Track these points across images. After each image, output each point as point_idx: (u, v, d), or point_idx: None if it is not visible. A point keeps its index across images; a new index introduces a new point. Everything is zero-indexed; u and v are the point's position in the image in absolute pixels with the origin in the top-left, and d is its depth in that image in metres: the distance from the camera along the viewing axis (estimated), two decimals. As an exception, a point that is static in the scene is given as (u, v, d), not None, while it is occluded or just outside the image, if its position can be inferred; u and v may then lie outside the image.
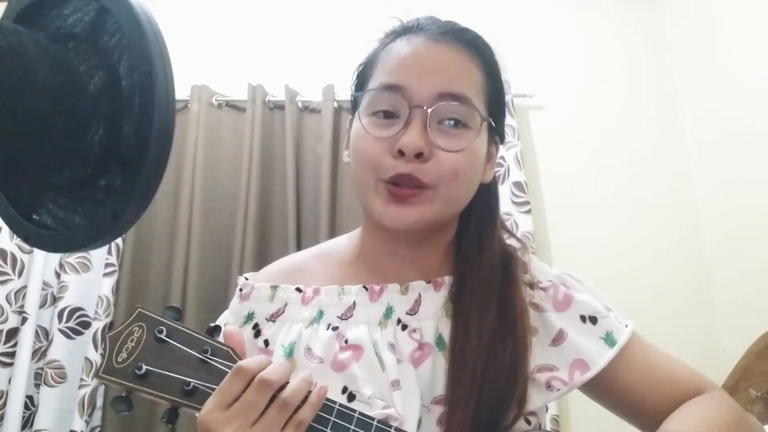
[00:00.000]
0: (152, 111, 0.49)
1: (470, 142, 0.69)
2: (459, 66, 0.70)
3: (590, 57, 2.36)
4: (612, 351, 0.72)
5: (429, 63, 0.69)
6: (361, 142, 0.71)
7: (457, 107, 0.68)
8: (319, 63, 2.26)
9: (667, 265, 2.13)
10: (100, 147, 0.52)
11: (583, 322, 0.74)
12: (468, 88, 0.70)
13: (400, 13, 0.78)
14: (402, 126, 0.67)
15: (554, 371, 0.71)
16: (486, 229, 0.76)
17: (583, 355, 0.72)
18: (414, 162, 0.66)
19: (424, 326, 0.71)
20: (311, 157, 2.14)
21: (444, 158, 0.67)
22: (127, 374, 0.55)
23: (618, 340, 0.73)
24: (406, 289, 0.74)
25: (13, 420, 1.75)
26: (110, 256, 1.92)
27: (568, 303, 0.75)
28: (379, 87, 0.70)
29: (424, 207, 0.68)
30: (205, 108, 2.12)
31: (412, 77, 0.68)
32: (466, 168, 0.69)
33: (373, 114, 0.70)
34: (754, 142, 1.88)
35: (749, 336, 1.51)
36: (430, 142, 0.67)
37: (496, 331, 0.68)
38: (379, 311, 0.72)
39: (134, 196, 0.51)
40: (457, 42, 0.71)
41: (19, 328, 1.82)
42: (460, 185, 0.70)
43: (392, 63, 0.71)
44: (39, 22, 0.55)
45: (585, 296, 0.76)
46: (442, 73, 0.69)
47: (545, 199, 2.22)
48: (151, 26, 0.51)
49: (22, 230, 0.57)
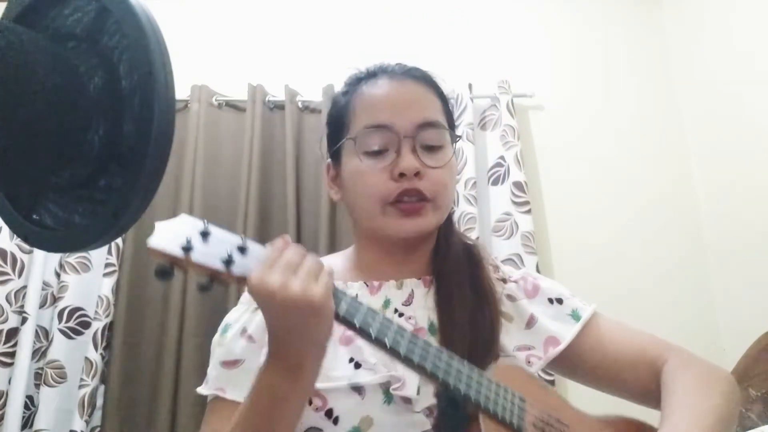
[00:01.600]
0: (152, 111, 0.49)
1: (449, 157, 0.84)
2: (424, 98, 0.86)
3: (590, 57, 2.36)
4: (578, 325, 0.86)
5: (402, 100, 0.84)
6: (361, 177, 0.82)
7: (433, 132, 0.83)
8: (319, 63, 2.26)
9: (667, 265, 2.13)
10: (100, 147, 0.52)
11: (551, 303, 0.88)
12: (435, 113, 0.85)
13: (354, 65, 0.91)
14: (394, 155, 0.80)
15: (531, 350, 0.84)
16: (448, 226, 0.90)
17: (554, 333, 0.85)
18: (413, 180, 0.80)
19: (418, 314, 0.82)
20: (311, 157, 2.13)
21: (434, 174, 0.81)
22: (175, 247, 0.59)
23: (583, 315, 0.87)
24: (401, 285, 0.85)
25: (13, 420, 1.74)
26: (110, 256, 1.92)
27: (536, 290, 0.89)
28: (367, 128, 0.82)
29: (429, 216, 0.82)
30: (205, 108, 2.12)
31: (395, 115, 0.82)
32: (450, 178, 0.85)
33: (365, 153, 0.82)
34: (754, 142, 1.88)
35: (749, 336, 1.51)
36: (422, 163, 0.81)
37: (474, 305, 0.81)
38: (379, 302, 0.83)
39: (134, 196, 0.51)
40: (416, 79, 0.87)
41: (19, 328, 1.82)
42: (449, 194, 0.85)
43: (371, 106, 0.84)
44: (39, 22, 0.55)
45: (550, 283, 0.91)
46: (416, 107, 0.83)
47: (545, 199, 2.22)
48: (151, 26, 0.51)
49: (22, 230, 0.57)
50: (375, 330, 0.63)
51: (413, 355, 0.64)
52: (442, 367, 0.65)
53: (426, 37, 2.26)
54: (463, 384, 0.66)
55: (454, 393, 0.65)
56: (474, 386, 0.67)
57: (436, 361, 0.65)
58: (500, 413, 0.67)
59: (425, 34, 2.28)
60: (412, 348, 0.65)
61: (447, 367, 0.66)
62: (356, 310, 0.64)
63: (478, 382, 0.68)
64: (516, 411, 0.69)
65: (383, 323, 0.64)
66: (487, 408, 0.66)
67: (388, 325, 0.65)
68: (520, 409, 0.70)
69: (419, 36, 2.27)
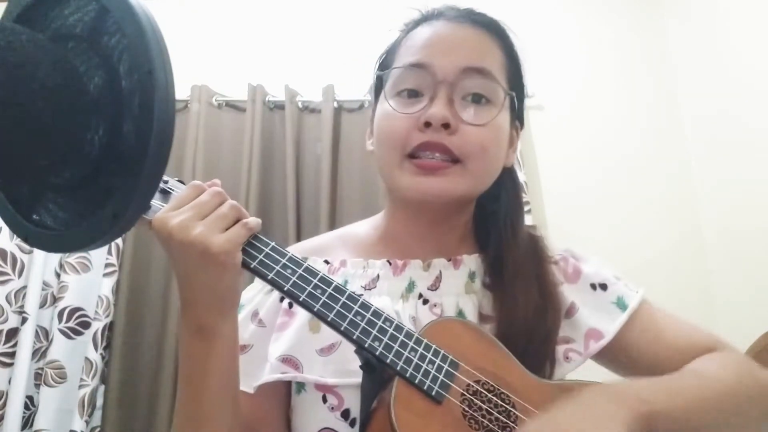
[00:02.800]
0: (152, 111, 0.49)
1: (494, 117, 0.70)
2: (480, 43, 0.72)
3: (590, 57, 2.36)
4: (624, 315, 0.74)
5: (451, 41, 0.71)
6: (386, 121, 0.72)
7: (480, 81, 0.70)
8: (319, 63, 2.26)
9: (667, 265, 2.13)
10: (100, 147, 0.52)
11: (594, 289, 0.76)
12: (490, 63, 0.71)
13: (416, 5, 0.80)
14: (427, 102, 0.69)
15: (570, 343, 0.72)
16: (516, 212, 0.78)
17: (596, 324, 0.73)
18: (441, 133, 0.68)
19: (445, 302, 0.72)
20: (311, 157, 2.14)
21: (471, 132, 0.68)
22: None
23: (629, 304, 0.75)
24: (428, 266, 0.75)
25: (13, 420, 1.74)
26: (110, 256, 1.92)
27: (578, 274, 0.77)
28: (404, 65, 0.72)
29: (452, 179, 0.69)
30: (205, 108, 2.12)
31: (436, 55, 0.70)
32: (493, 142, 0.70)
33: (397, 94, 0.72)
34: (754, 142, 1.88)
35: (749, 336, 1.51)
36: (456, 115, 0.68)
37: (538, 305, 0.70)
38: (402, 285, 0.73)
39: (134, 196, 0.51)
40: (476, 24, 0.74)
41: (19, 328, 1.82)
42: (488, 160, 0.71)
43: (415, 45, 0.73)
44: (39, 22, 0.55)
45: (593, 266, 0.79)
46: (464, 49, 0.71)
47: (545, 199, 2.21)
48: (151, 26, 0.51)
49: (22, 230, 0.57)
50: (289, 283, 0.59)
51: (329, 311, 0.59)
52: (361, 325, 0.59)
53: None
54: (380, 344, 0.59)
55: (369, 352, 0.59)
56: (395, 348, 0.59)
57: (357, 318, 0.60)
58: (418, 377, 0.58)
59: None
60: (330, 305, 0.59)
61: (368, 325, 0.60)
62: (273, 262, 0.59)
63: (403, 343, 0.60)
64: (442, 376, 0.60)
65: (301, 277, 0.60)
66: (402, 371, 0.58)
67: (307, 279, 0.60)
68: (448, 374, 0.60)
69: (419, 36, 2.26)
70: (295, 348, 0.69)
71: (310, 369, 0.68)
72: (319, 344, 0.69)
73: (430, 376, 0.59)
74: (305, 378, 0.68)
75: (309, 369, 0.68)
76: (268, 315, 0.74)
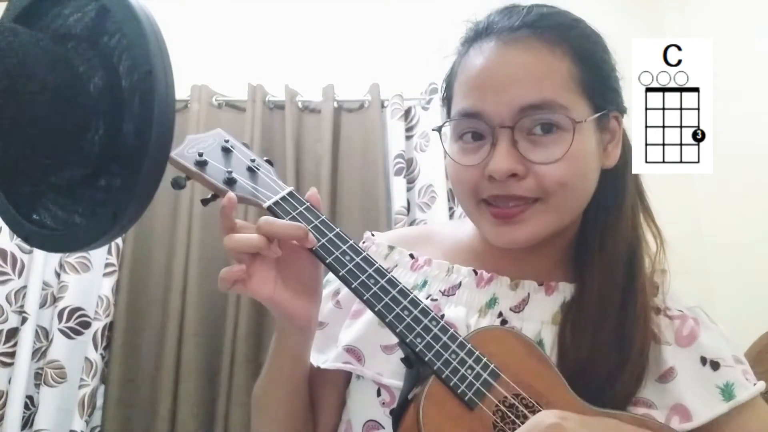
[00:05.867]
0: (152, 111, 0.49)
1: (568, 146, 0.61)
2: (536, 69, 0.63)
3: (590, 57, 2.36)
4: (724, 406, 0.63)
5: (502, 76, 0.63)
6: (452, 170, 0.68)
7: (543, 114, 0.61)
8: (319, 63, 2.26)
9: (666, 265, 2.12)
10: (100, 147, 0.52)
11: (703, 364, 0.65)
12: (551, 89, 0.62)
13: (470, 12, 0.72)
14: (490, 147, 0.63)
15: (651, 409, 0.63)
16: (609, 219, 0.70)
17: (690, 403, 0.63)
18: (509, 182, 0.62)
19: (526, 327, 0.67)
20: (311, 157, 2.13)
21: (544, 172, 0.61)
22: (190, 160, 0.66)
23: (737, 396, 0.63)
24: (516, 286, 0.70)
25: (13, 420, 1.74)
26: (110, 256, 1.92)
27: (692, 340, 0.67)
28: (458, 115, 0.66)
29: (536, 222, 0.63)
30: (205, 108, 2.12)
31: (488, 98, 0.63)
32: (572, 173, 0.62)
33: (460, 138, 0.66)
34: (754, 141, 1.88)
35: (749, 336, 1.51)
36: (522, 160, 0.61)
37: (618, 328, 0.64)
38: (483, 299, 0.70)
39: (134, 196, 0.51)
40: (533, 36, 0.64)
41: (19, 328, 1.82)
42: (572, 193, 0.64)
43: (467, 82, 0.66)
44: (39, 22, 0.55)
45: (714, 338, 0.68)
46: (518, 85, 0.62)
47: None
48: (151, 26, 0.51)
49: (22, 230, 0.57)
50: (345, 269, 0.62)
51: (378, 302, 0.60)
52: (407, 320, 0.59)
53: (426, 36, 2.26)
54: (422, 341, 0.59)
55: (409, 347, 0.59)
56: (436, 347, 0.58)
57: (404, 312, 0.60)
58: (453, 380, 0.57)
59: (425, 34, 2.27)
60: (379, 296, 0.60)
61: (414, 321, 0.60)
62: (334, 248, 0.63)
63: (445, 345, 0.59)
64: (479, 383, 0.57)
65: (358, 265, 0.62)
66: (439, 371, 0.57)
67: (363, 268, 0.62)
68: (485, 382, 0.58)
69: (419, 36, 2.27)
70: (362, 340, 0.71)
71: (371, 363, 0.69)
72: (385, 340, 0.69)
73: (466, 381, 0.58)
74: (363, 372, 0.69)
75: (370, 363, 0.69)
76: (346, 299, 0.75)
